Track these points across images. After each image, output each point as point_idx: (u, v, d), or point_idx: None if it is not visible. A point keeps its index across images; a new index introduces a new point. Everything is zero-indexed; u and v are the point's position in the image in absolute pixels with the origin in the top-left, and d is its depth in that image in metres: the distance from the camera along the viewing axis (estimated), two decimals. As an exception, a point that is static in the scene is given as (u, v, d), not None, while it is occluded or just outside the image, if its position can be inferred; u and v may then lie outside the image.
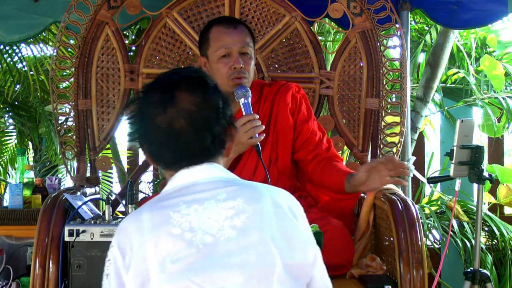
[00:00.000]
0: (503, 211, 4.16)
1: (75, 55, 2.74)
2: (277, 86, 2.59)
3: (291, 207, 1.39)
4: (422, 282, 2.05)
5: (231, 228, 1.31)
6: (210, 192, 1.36)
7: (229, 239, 1.29)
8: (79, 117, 2.74)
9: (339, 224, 2.39)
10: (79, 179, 2.69)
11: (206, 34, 2.51)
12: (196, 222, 1.31)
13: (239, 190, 1.37)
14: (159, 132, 1.40)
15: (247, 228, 1.31)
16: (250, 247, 1.29)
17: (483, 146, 2.48)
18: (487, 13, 3.08)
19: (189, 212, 1.33)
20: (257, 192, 1.38)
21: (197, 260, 1.27)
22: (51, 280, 2.05)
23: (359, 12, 2.78)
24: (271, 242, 1.30)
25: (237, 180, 1.44)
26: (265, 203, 1.35)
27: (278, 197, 1.39)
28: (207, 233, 1.30)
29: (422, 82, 3.73)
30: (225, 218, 1.32)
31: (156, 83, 1.46)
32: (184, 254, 1.28)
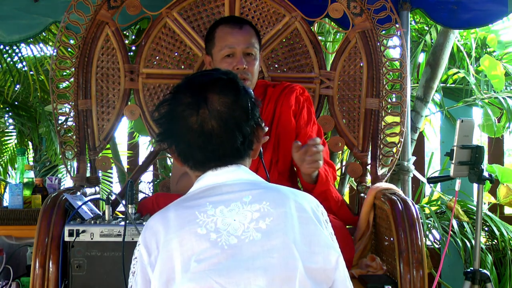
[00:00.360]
0: (503, 211, 4.16)
1: (75, 55, 2.74)
2: (281, 87, 2.59)
3: (315, 211, 1.41)
4: (422, 282, 2.05)
5: (256, 231, 1.33)
6: (236, 194, 1.39)
7: (253, 242, 1.32)
8: (79, 117, 2.74)
9: (339, 224, 2.38)
10: (79, 179, 2.69)
11: (212, 33, 2.51)
12: (222, 223, 1.34)
13: (264, 193, 1.40)
14: (190, 133, 1.43)
15: (272, 232, 1.33)
16: (273, 251, 1.31)
17: (483, 146, 2.48)
18: (487, 13, 3.08)
19: (215, 213, 1.36)
20: (282, 195, 1.40)
21: (221, 261, 1.30)
22: (51, 280, 2.05)
23: (359, 12, 2.78)
24: (293, 246, 1.32)
25: (263, 183, 1.47)
26: (289, 207, 1.37)
27: (303, 201, 1.41)
28: (232, 235, 1.33)
29: (422, 82, 3.73)
30: (251, 221, 1.35)
31: (186, 84, 1.50)
32: (209, 254, 1.30)
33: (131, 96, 2.84)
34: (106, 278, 2.06)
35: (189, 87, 1.49)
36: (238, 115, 1.45)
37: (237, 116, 1.45)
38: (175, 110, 1.47)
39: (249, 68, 2.44)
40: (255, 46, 2.49)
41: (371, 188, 2.50)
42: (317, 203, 1.45)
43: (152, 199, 2.45)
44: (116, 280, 2.04)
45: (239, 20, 2.58)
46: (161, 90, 2.82)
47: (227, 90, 1.46)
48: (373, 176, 2.77)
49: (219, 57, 2.46)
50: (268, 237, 1.33)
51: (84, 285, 2.06)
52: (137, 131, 4.25)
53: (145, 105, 2.80)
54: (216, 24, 2.54)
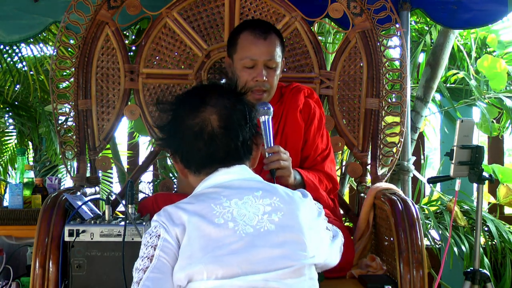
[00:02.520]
0: (503, 211, 4.16)
1: (75, 55, 2.74)
2: (290, 87, 2.58)
3: (313, 208, 1.56)
4: (422, 282, 2.05)
5: (269, 222, 1.43)
6: (247, 189, 1.48)
7: (269, 232, 1.42)
8: (79, 117, 2.74)
9: (339, 225, 2.38)
10: (79, 179, 2.69)
11: (236, 37, 2.48)
12: (237, 214, 1.43)
13: (273, 190, 1.50)
14: (192, 135, 1.50)
15: (284, 225, 1.44)
16: (287, 243, 1.42)
17: (483, 146, 2.48)
18: (487, 13, 3.09)
19: (230, 204, 1.44)
20: (288, 193, 1.51)
21: (241, 246, 1.39)
22: (51, 280, 2.05)
23: (359, 12, 2.78)
24: (304, 241, 1.44)
25: (268, 183, 1.55)
26: (296, 204, 1.49)
27: (304, 199, 1.54)
28: (248, 224, 1.42)
29: (422, 82, 3.73)
30: (263, 213, 1.44)
31: (188, 91, 1.60)
32: (228, 241, 1.39)
33: (131, 96, 2.84)
34: (106, 278, 2.06)
35: (191, 93, 1.57)
36: (238, 117, 1.52)
37: (237, 118, 1.52)
38: (176, 116, 1.53)
39: (268, 79, 2.42)
40: (278, 56, 2.45)
41: (371, 188, 2.50)
42: (317, 205, 1.61)
43: (152, 199, 2.45)
44: (116, 280, 2.04)
45: (264, 28, 2.48)
46: (161, 90, 2.82)
47: (226, 93, 1.55)
48: (373, 176, 2.77)
49: (240, 65, 2.44)
50: (282, 229, 1.43)
51: (84, 285, 2.06)
52: (137, 131, 4.25)
53: (145, 105, 2.80)
54: (241, 28, 2.50)
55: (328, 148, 2.58)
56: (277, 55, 2.45)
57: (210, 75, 2.82)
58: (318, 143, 2.53)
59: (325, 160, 2.54)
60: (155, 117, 2.82)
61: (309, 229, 1.47)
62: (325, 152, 2.55)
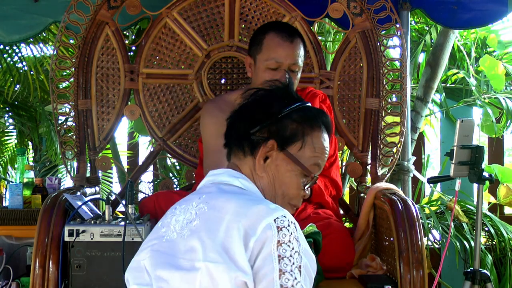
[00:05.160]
0: (503, 211, 4.15)
1: (75, 55, 2.74)
2: (305, 92, 2.58)
3: (249, 234, 1.29)
4: (422, 282, 2.05)
5: (189, 230, 1.35)
6: (197, 195, 1.43)
7: (183, 239, 1.35)
8: (79, 117, 2.74)
9: (340, 226, 2.39)
10: (79, 179, 2.69)
11: (261, 37, 2.46)
12: (175, 220, 1.40)
13: (215, 195, 1.39)
14: None
15: (194, 232, 1.34)
16: (188, 252, 1.32)
17: (483, 146, 2.48)
18: (487, 13, 3.08)
19: (176, 210, 1.43)
20: (227, 201, 1.35)
21: (158, 249, 1.38)
22: (51, 280, 2.05)
23: (359, 12, 2.78)
24: (201, 250, 1.30)
25: (231, 188, 1.43)
26: (226, 213, 1.33)
27: (246, 216, 1.31)
28: (175, 231, 1.38)
29: (422, 82, 3.73)
30: (191, 220, 1.37)
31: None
32: (151, 244, 1.41)
33: (131, 96, 2.84)
34: (106, 278, 2.06)
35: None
36: (254, 109, 1.47)
37: (251, 106, 1.47)
38: None
39: None
40: (301, 61, 2.45)
41: (371, 188, 2.50)
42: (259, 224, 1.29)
43: (153, 199, 2.45)
44: (116, 280, 2.04)
45: (291, 31, 2.49)
46: (161, 90, 2.82)
47: (274, 89, 1.49)
48: (373, 176, 2.77)
49: (264, 66, 2.43)
50: (190, 236, 1.34)
51: (84, 285, 2.06)
52: (137, 131, 4.25)
53: (145, 105, 2.80)
54: (267, 28, 2.49)
55: (335, 154, 2.59)
56: (301, 59, 2.46)
57: (210, 75, 2.82)
58: None
59: (332, 166, 2.54)
60: (155, 117, 2.82)
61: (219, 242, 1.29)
62: (332, 158, 2.56)
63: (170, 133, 2.82)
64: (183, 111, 2.83)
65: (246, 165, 1.47)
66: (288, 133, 1.44)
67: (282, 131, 1.44)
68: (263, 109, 1.45)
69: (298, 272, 1.26)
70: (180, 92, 2.84)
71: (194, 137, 2.84)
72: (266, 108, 1.46)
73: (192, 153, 2.84)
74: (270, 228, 1.28)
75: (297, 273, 1.26)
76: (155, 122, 2.82)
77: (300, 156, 1.45)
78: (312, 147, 1.46)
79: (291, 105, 1.46)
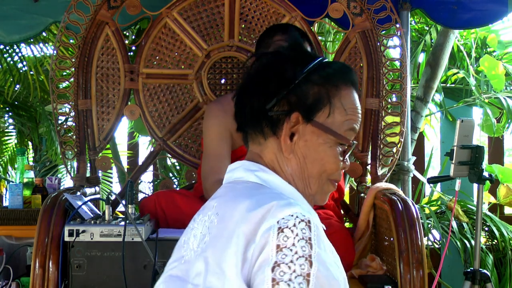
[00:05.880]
0: (503, 211, 4.16)
1: (75, 55, 2.74)
2: None
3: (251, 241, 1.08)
4: (422, 282, 2.05)
5: (201, 248, 1.16)
6: (212, 201, 1.23)
7: (197, 258, 1.16)
8: (79, 117, 2.74)
9: (340, 226, 2.38)
10: (79, 179, 2.69)
11: (268, 40, 2.44)
12: (193, 235, 1.21)
13: (224, 202, 1.18)
14: None
15: (202, 251, 1.15)
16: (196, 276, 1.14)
17: (483, 146, 2.48)
18: (487, 13, 3.08)
19: (195, 222, 1.24)
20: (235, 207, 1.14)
21: (177, 274, 1.19)
22: (51, 280, 2.05)
23: (359, 12, 2.78)
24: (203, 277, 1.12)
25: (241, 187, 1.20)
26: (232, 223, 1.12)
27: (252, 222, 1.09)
28: (192, 250, 1.18)
29: (422, 82, 3.73)
30: (204, 235, 1.17)
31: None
32: (171, 266, 1.22)
33: (131, 96, 2.84)
34: (106, 278, 2.06)
35: None
36: (268, 77, 1.20)
37: (268, 77, 1.20)
38: None
39: None
40: None
41: (371, 188, 2.50)
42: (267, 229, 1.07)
43: (153, 198, 2.44)
44: (116, 280, 2.04)
45: (287, 29, 2.49)
46: (161, 90, 2.82)
47: (282, 51, 1.25)
48: (373, 176, 2.77)
49: None
50: (199, 256, 1.14)
51: (84, 285, 2.06)
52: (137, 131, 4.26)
53: (145, 105, 2.80)
54: (275, 31, 2.47)
55: None
56: None
57: (210, 75, 2.82)
58: None
59: None
60: (155, 117, 2.82)
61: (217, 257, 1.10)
62: None
63: (170, 133, 2.82)
64: (183, 111, 2.83)
65: (269, 149, 1.22)
66: (311, 99, 1.19)
67: (304, 99, 1.19)
68: (275, 78, 1.20)
69: (303, 282, 1.01)
70: (180, 92, 2.84)
71: (194, 137, 2.84)
72: (278, 75, 1.20)
73: (192, 153, 2.84)
74: (270, 230, 1.05)
75: (298, 284, 1.01)
76: (155, 122, 2.82)
77: (331, 123, 1.20)
78: (343, 109, 1.21)
79: (307, 66, 1.21)
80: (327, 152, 1.21)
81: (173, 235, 2.11)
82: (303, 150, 1.20)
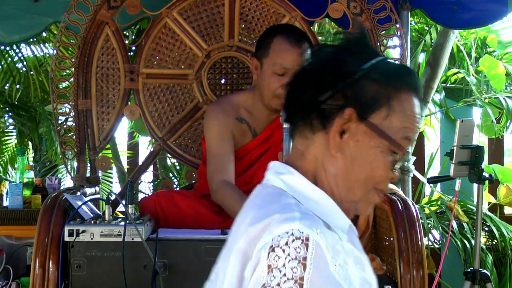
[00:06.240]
0: (503, 211, 4.16)
1: (75, 55, 2.74)
2: None
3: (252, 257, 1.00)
4: (422, 282, 2.05)
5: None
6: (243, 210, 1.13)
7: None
8: (79, 117, 2.74)
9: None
10: (79, 179, 2.69)
11: (268, 40, 2.42)
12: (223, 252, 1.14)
13: (245, 213, 1.10)
14: None
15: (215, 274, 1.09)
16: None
17: (483, 146, 2.48)
18: (487, 13, 3.08)
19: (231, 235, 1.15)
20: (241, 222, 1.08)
21: None
22: (51, 280, 2.05)
23: (359, 12, 2.78)
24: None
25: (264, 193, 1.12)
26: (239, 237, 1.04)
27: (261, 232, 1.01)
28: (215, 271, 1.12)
29: (422, 82, 3.73)
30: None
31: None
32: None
33: (131, 96, 2.84)
34: (106, 278, 2.06)
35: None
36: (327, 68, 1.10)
37: (327, 67, 1.10)
38: None
39: None
40: None
41: (371, 188, 2.50)
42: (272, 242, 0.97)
43: (153, 198, 2.44)
44: (116, 280, 2.04)
45: (298, 35, 2.44)
46: (161, 90, 2.82)
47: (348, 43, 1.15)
48: (373, 176, 2.76)
49: (270, 70, 2.38)
50: (215, 278, 1.08)
51: (84, 285, 2.06)
52: (137, 131, 4.26)
53: (145, 105, 2.80)
54: (275, 32, 2.44)
55: None
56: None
57: (210, 75, 2.82)
58: None
59: None
60: (155, 117, 2.82)
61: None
62: None
63: (170, 133, 2.82)
64: (183, 111, 2.83)
65: (315, 145, 1.11)
66: (368, 97, 1.08)
67: (361, 96, 1.08)
68: (334, 69, 1.09)
69: None
70: (180, 92, 2.84)
71: (194, 137, 2.84)
72: (339, 67, 1.10)
73: (192, 153, 2.84)
74: (263, 248, 0.96)
75: None
76: (155, 122, 2.82)
77: (387, 127, 1.08)
78: (401, 114, 1.09)
79: (368, 61, 1.10)
80: (378, 157, 1.10)
81: (173, 235, 2.11)
82: (352, 150, 1.09)
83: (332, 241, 0.98)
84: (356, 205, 1.13)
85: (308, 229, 0.96)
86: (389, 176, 1.12)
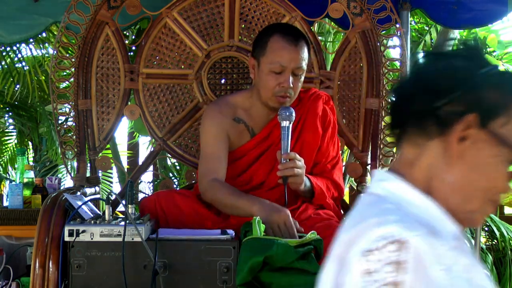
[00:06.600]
0: (503, 211, 4.16)
1: (75, 55, 2.74)
2: (309, 94, 2.55)
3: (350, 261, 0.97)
4: (422, 282, 2.04)
5: None
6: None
7: None
8: (79, 117, 2.74)
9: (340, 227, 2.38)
10: (79, 179, 2.69)
11: (265, 39, 2.41)
12: None
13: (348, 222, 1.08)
14: None
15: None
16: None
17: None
18: (487, 13, 3.08)
19: None
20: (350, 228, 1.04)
21: None
22: (51, 280, 2.05)
23: (359, 12, 2.78)
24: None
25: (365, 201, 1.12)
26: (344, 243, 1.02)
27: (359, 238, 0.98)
28: None
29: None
30: None
31: None
32: None
33: (131, 96, 2.84)
34: (106, 278, 2.06)
35: None
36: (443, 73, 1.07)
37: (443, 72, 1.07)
38: None
39: (294, 86, 2.37)
40: (305, 64, 2.41)
41: (371, 188, 2.50)
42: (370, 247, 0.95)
43: (153, 198, 2.43)
44: (116, 280, 2.04)
45: (295, 33, 2.44)
46: (161, 90, 2.82)
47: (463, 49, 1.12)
48: (373, 176, 2.77)
49: (267, 69, 2.37)
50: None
51: (84, 285, 2.06)
52: (137, 131, 4.26)
53: (145, 105, 2.80)
54: (272, 30, 2.43)
55: (338, 156, 2.56)
56: (305, 62, 2.41)
57: (210, 75, 2.82)
58: (330, 150, 2.52)
59: (334, 168, 2.53)
60: (155, 117, 2.82)
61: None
62: (335, 160, 2.54)
63: (170, 133, 2.82)
64: (183, 111, 2.83)
65: (429, 152, 1.07)
66: (488, 103, 1.04)
67: (483, 102, 1.03)
68: (452, 75, 1.06)
69: None
70: (180, 92, 2.84)
71: (194, 137, 2.84)
72: (457, 72, 1.06)
73: (192, 153, 2.84)
74: (357, 254, 0.94)
75: None
76: (155, 122, 2.82)
77: (507, 136, 1.04)
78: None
79: (486, 67, 1.07)
80: (498, 166, 1.05)
81: (173, 235, 2.11)
82: (474, 158, 1.04)
83: (434, 245, 0.96)
84: (472, 215, 1.08)
85: (406, 232, 0.94)
86: (507, 187, 1.08)
